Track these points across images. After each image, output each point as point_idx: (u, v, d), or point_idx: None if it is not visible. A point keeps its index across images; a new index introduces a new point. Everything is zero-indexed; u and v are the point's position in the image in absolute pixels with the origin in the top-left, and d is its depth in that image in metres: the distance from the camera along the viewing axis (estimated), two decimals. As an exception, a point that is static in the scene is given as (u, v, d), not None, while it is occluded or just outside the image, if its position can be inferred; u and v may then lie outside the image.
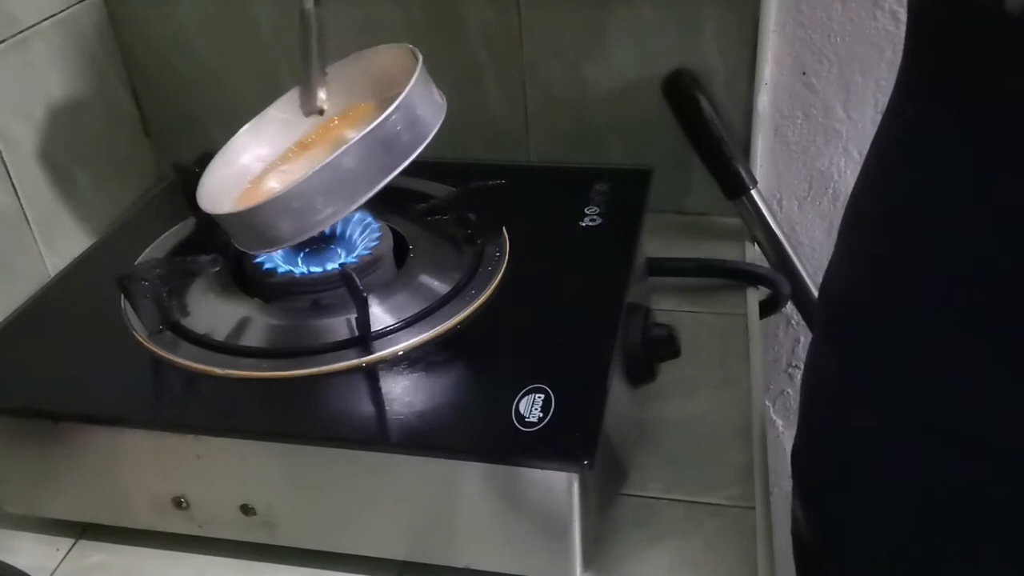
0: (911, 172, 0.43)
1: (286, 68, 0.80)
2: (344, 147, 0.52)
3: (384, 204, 0.58)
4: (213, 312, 0.57)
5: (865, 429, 0.48)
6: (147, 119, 0.85)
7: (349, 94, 0.63)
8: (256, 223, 0.54)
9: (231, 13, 0.80)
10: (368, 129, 0.52)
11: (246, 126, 0.64)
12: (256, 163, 0.63)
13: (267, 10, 0.79)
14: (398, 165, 0.54)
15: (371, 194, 0.54)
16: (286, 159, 0.64)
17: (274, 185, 0.61)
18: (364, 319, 0.53)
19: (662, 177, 0.70)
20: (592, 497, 0.47)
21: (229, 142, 0.63)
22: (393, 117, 0.53)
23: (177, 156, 0.75)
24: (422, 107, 0.55)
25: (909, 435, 0.45)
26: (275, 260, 0.59)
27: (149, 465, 0.51)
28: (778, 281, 0.74)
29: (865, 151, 0.49)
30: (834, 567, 0.54)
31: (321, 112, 0.60)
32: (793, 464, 0.58)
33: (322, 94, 0.59)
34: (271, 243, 0.55)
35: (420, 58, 0.57)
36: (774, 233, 0.79)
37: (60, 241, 0.71)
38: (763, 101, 0.79)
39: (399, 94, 0.53)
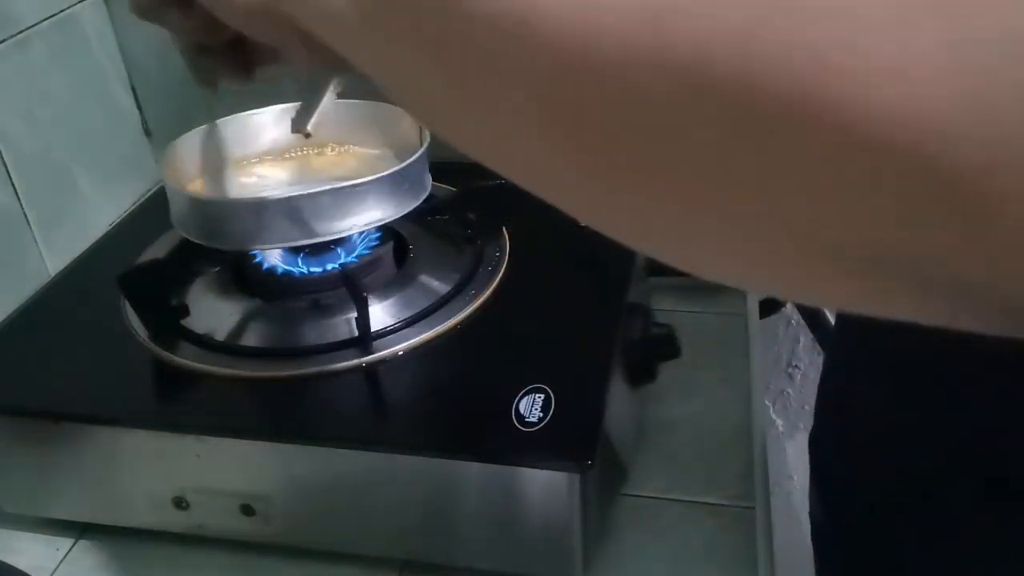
0: None
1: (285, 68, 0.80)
2: (320, 188, 0.53)
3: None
4: (213, 312, 0.57)
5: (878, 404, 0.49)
6: (147, 119, 0.85)
7: (346, 132, 0.65)
8: (204, 213, 0.56)
9: (231, 13, 0.80)
10: (351, 183, 0.54)
11: (243, 114, 0.65)
12: (226, 153, 0.65)
13: (267, 10, 0.79)
14: (354, 226, 0.55)
15: (313, 240, 0.54)
16: (261, 162, 0.66)
17: (244, 180, 0.64)
18: (364, 319, 0.53)
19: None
20: (592, 497, 0.47)
21: (217, 122, 0.65)
22: (372, 184, 0.54)
23: (177, 156, 0.75)
24: (407, 185, 0.57)
25: (921, 408, 0.45)
26: (275, 260, 0.59)
27: (149, 465, 0.51)
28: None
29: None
30: (846, 543, 0.54)
31: (307, 135, 0.61)
32: (810, 448, 0.59)
33: (315, 119, 0.60)
34: (209, 239, 0.56)
35: (427, 140, 0.59)
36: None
37: (60, 241, 0.71)
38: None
39: (389, 156, 0.55)
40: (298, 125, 0.57)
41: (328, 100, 0.55)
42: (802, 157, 0.16)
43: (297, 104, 0.58)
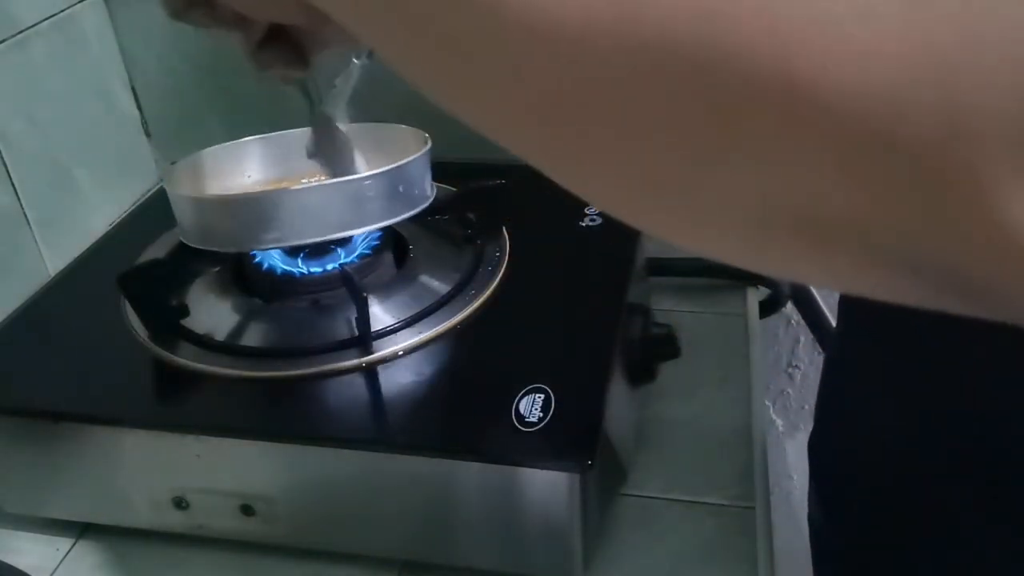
0: None
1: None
2: (315, 184, 0.53)
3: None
4: (213, 312, 0.57)
5: (879, 414, 0.49)
6: (147, 119, 0.85)
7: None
8: (202, 215, 0.55)
9: (231, 13, 0.79)
10: (348, 178, 0.53)
11: (255, 138, 0.65)
12: (242, 177, 0.65)
13: (267, 10, 0.79)
14: (354, 227, 0.54)
15: (313, 240, 0.54)
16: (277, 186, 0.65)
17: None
18: (364, 319, 0.53)
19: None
20: (592, 497, 0.47)
21: (231, 144, 0.64)
22: (371, 181, 0.54)
23: (177, 156, 0.75)
24: (407, 187, 0.56)
25: (923, 422, 0.45)
26: (275, 260, 0.59)
27: (149, 465, 0.51)
28: (778, 281, 0.74)
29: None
30: (846, 547, 0.54)
31: None
32: (809, 451, 0.59)
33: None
34: (208, 241, 0.55)
35: (428, 143, 0.58)
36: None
37: (60, 241, 0.71)
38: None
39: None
40: (312, 150, 0.57)
41: (341, 124, 0.55)
42: (762, 132, 0.17)
43: (308, 130, 0.58)
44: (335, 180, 0.54)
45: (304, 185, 0.54)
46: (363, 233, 0.57)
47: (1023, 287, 0.17)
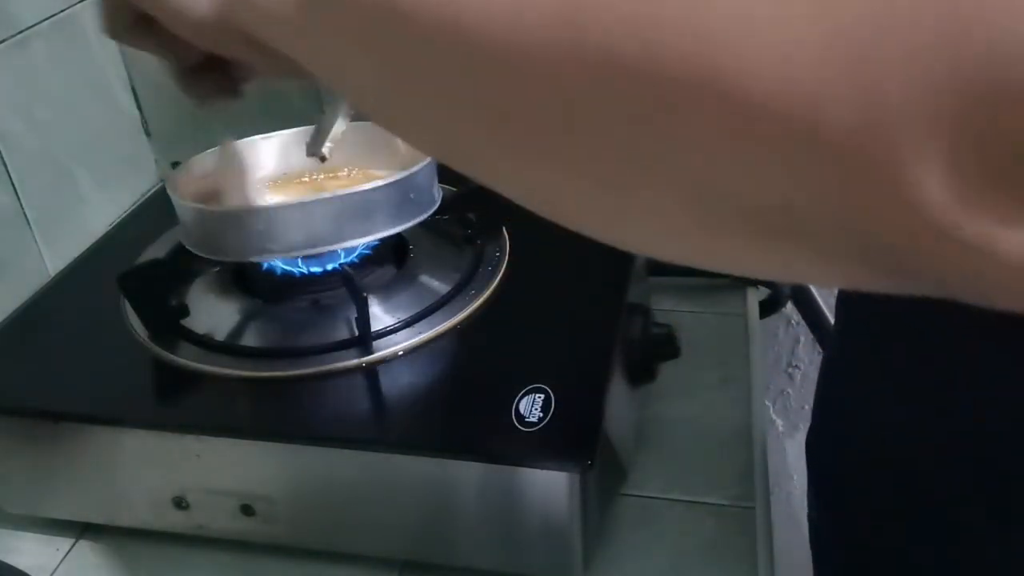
0: None
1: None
2: (324, 196, 0.53)
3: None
4: (213, 312, 0.57)
5: (880, 412, 0.49)
6: (147, 119, 0.85)
7: (360, 155, 0.65)
8: (210, 226, 0.55)
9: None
10: (358, 189, 0.53)
11: (255, 138, 0.65)
12: (238, 177, 0.65)
13: (267, 10, 0.79)
14: (364, 235, 0.54)
15: (321, 249, 0.54)
16: (274, 186, 0.65)
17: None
18: (364, 319, 0.53)
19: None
20: (592, 497, 0.47)
21: (232, 143, 0.64)
22: (382, 191, 0.54)
23: (177, 156, 0.75)
24: (417, 194, 0.56)
25: (923, 413, 0.45)
26: (275, 260, 0.59)
27: (149, 465, 0.51)
28: (778, 281, 0.74)
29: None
30: (846, 547, 0.54)
31: (323, 159, 0.61)
32: (807, 449, 0.59)
33: (330, 143, 0.59)
34: (215, 251, 0.55)
35: None
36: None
37: (60, 241, 0.71)
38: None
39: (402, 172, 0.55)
40: (313, 149, 0.57)
41: (342, 123, 0.55)
42: (698, 132, 0.18)
43: (311, 128, 0.58)
44: (346, 191, 0.54)
45: (316, 197, 0.53)
46: (372, 241, 0.57)
47: (943, 263, 0.17)
